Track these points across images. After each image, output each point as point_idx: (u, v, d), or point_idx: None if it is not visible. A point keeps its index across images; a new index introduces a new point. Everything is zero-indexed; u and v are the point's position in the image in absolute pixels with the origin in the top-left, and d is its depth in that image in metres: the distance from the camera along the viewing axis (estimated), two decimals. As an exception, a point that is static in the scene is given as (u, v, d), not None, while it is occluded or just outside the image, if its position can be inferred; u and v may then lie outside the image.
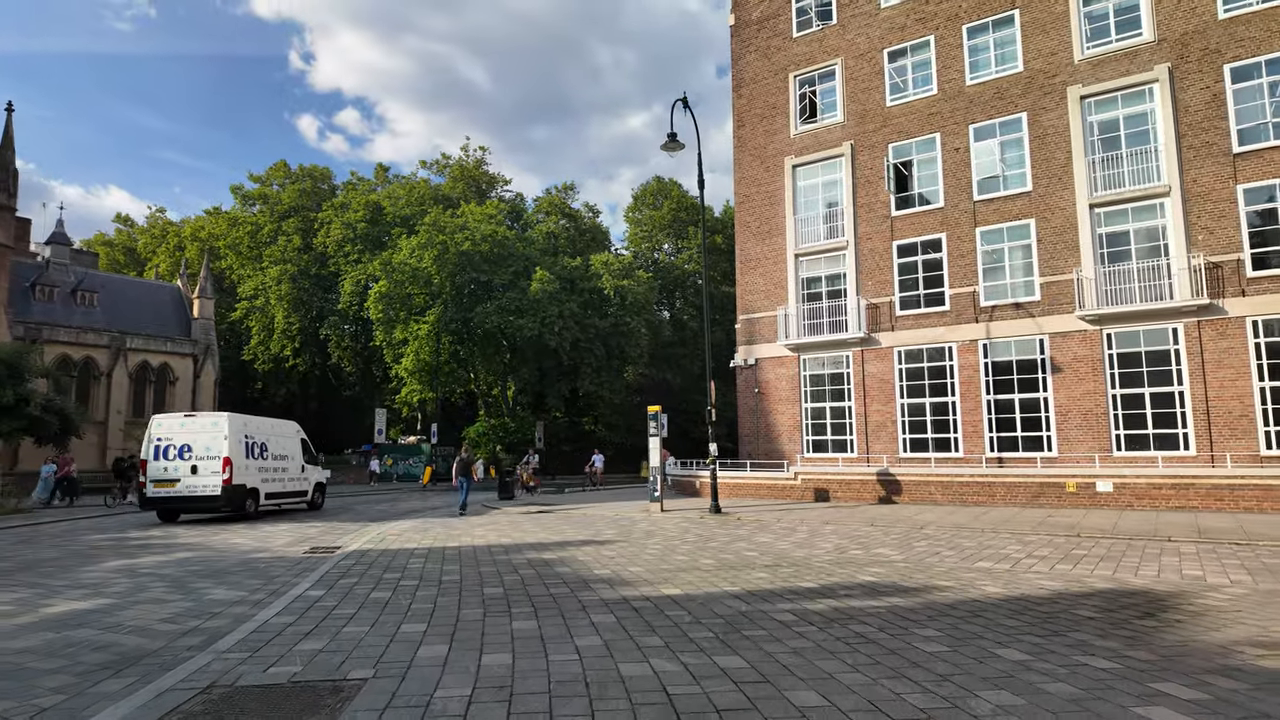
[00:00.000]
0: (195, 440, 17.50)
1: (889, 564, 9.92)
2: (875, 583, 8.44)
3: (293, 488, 20.52)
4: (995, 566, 9.72)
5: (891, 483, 20.57)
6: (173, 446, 17.49)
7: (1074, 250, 21.10)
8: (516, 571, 9.26)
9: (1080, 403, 20.62)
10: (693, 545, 11.92)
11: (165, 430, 17.78)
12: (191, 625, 6.60)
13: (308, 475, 21.31)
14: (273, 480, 19.38)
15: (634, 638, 5.85)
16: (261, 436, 19.03)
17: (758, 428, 25.72)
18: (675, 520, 16.58)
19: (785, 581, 8.48)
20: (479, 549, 11.63)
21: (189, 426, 17.90)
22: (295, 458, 20.74)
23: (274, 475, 19.43)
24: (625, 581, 8.46)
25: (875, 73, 24.82)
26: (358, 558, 10.71)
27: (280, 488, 19.80)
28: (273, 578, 9.17)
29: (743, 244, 26.95)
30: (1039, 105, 22.01)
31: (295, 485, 20.65)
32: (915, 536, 13.06)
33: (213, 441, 17.45)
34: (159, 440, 17.60)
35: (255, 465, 18.47)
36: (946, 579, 8.72)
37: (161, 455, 17.47)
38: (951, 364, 22.57)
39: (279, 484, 19.73)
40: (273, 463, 19.39)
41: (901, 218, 23.89)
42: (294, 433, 21.17)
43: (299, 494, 20.88)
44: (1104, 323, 20.44)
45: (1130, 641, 5.75)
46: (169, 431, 17.73)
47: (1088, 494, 18.06)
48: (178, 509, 17.80)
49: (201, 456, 17.34)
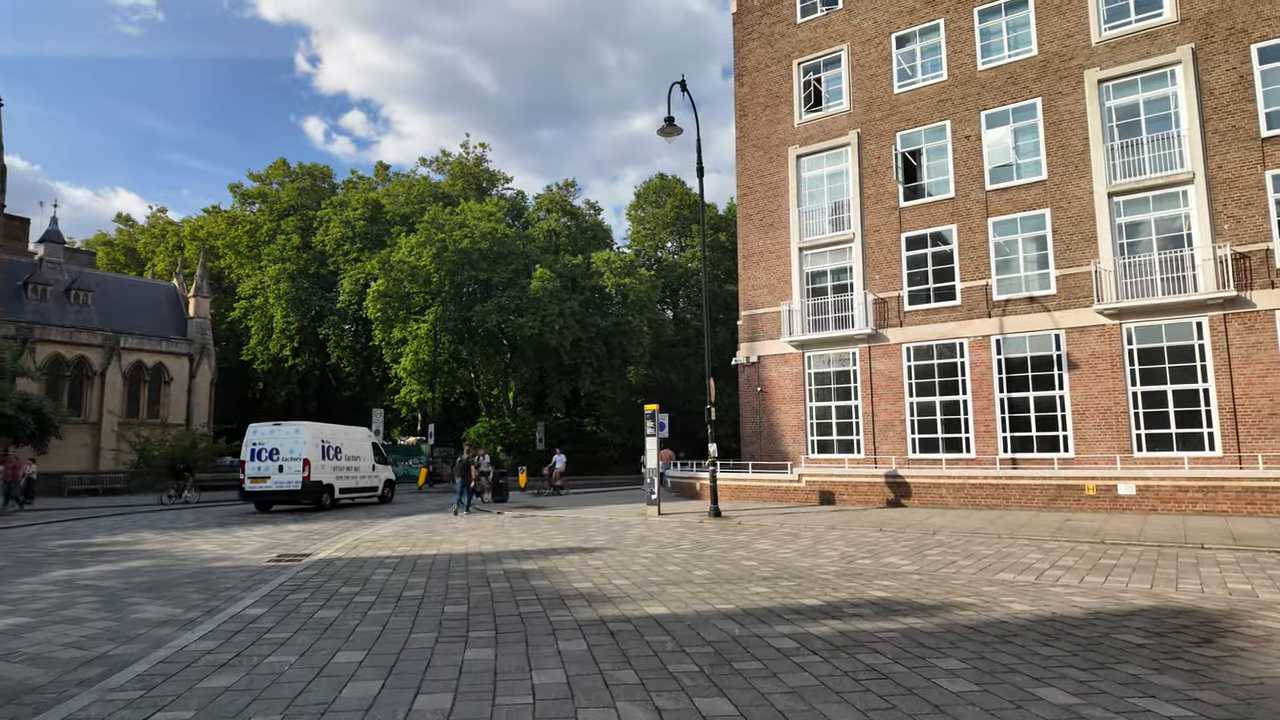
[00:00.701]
0: (281, 444, 20.67)
1: (901, 576, 9.00)
2: (887, 599, 7.53)
3: (364, 484, 23.58)
4: (1018, 579, 8.79)
5: (900, 485, 19.62)
6: (264, 450, 20.68)
7: (1091, 241, 20.13)
8: (489, 585, 8.38)
9: (1099, 401, 19.64)
10: (687, 554, 11.02)
11: (258, 437, 20.92)
12: (100, 652, 5.75)
13: (378, 473, 24.50)
14: (346, 478, 22.53)
15: (604, 672, 4.96)
16: (336, 441, 22.27)
17: (760, 428, 24.80)
18: (672, 525, 15.68)
19: (786, 598, 7.58)
20: (455, 558, 10.76)
21: (276, 434, 20.92)
22: (366, 459, 23.90)
23: (347, 473, 22.60)
24: (606, 598, 7.57)
25: (883, 58, 23.87)
26: (321, 567, 9.85)
27: (353, 484, 22.94)
28: (219, 592, 8.33)
29: (745, 237, 26.03)
30: (1054, 90, 21.04)
31: (366, 482, 23.69)
32: (927, 543, 12.14)
33: (295, 445, 20.60)
34: (253, 445, 20.79)
35: (330, 465, 21.62)
36: (966, 594, 7.80)
37: (255, 457, 20.65)
38: (963, 361, 21.61)
39: (351, 480, 22.85)
40: (346, 463, 22.51)
41: (910, 209, 22.93)
42: (365, 438, 24.51)
43: (370, 489, 24.02)
44: (1123, 317, 19.46)
45: (1194, 678, 4.84)
46: (261, 438, 20.89)
47: (1108, 497, 17.08)
48: (269, 500, 20.81)
49: (286, 458, 20.45)
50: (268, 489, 20.46)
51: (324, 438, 21.66)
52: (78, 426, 40.99)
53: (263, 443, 20.77)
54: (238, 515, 20.41)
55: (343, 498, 22.36)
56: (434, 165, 58.72)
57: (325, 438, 21.73)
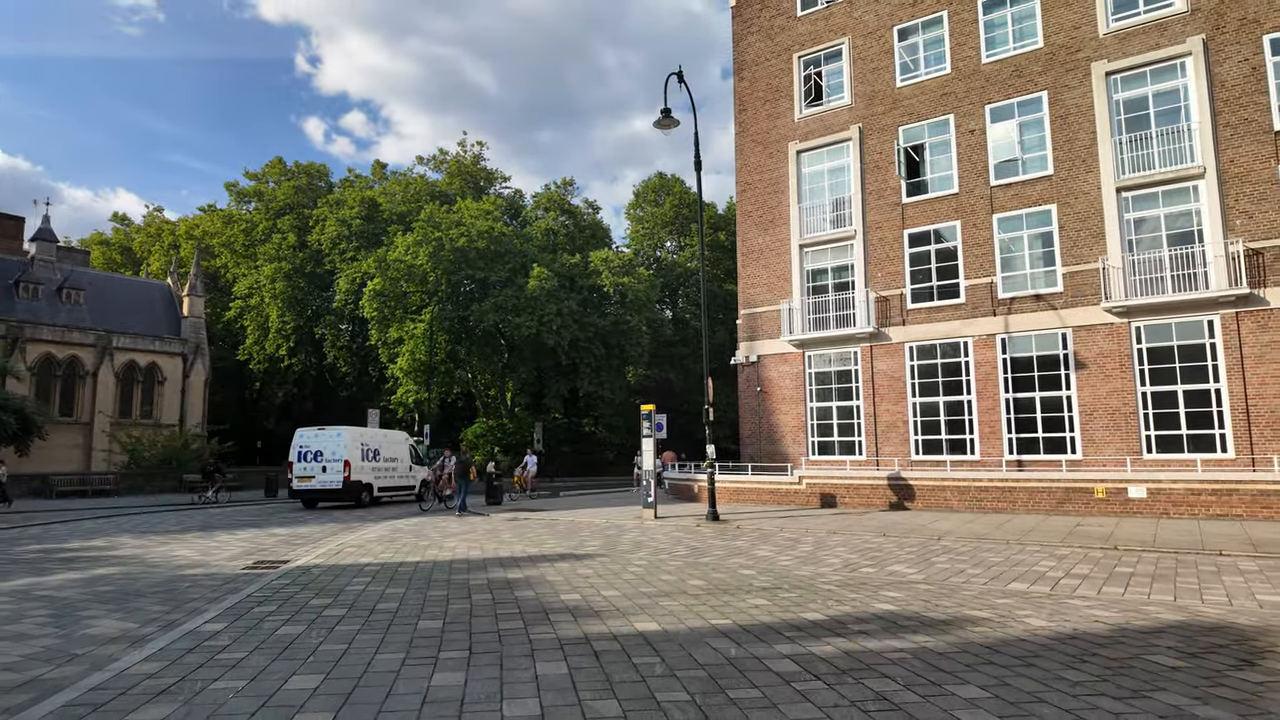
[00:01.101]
0: (325, 447, 22.60)
1: (908, 586, 8.50)
2: (895, 613, 7.03)
3: (401, 483, 25.54)
4: (1032, 589, 8.29)
5: (903, 488, 19.10)
6: (309, 452, 22.65)
7: (1099, 237, 19.62)
8: (469, 597, 7.88)
9: (1107, 401, 19.13)
10: (683, 561, 10.52)
11: (304, 440, 22.99)
12: (34, 674, 5.24)
13: (415, 474, 26.23)
14: (384, 477, 24.42)
15: (584, 702, 4.46)
16: (375, 444, 24.17)
17: (760, 428, 24.29)
18: (668, 529, 15.18)
19: (786, 611, 7.07)
20: (439, 565, 10.25)
21: (320, 438, 22.88)
22: (404, 460, 25.80)
23: (385, 473, 24.49)
24: (594, 612, 7.06)
25: (885, 51, 23.37)
26: (296, 576, 9.35)
27: (391, 483, 24.85)
28: (182, 603, 7.83)
29: (744, 235, 25.53)
30: (1061, 83, 20.54)
31: (404, 481, 25.69)
32: (933, 550, 11.64)
33: (337, 448, 22.48)
34: (300, 447, 22.86)
35: (369, 466, 23.53)
36: (979, 607, 7.30)
37: (301, 458, 22.69)
38: (967, 360, 21.11)
39: (389, 480, 24.78)
40: (384, 464, 24.44)
41: (913, 205, 22.43)
42: (403, 440, 26.40)
43: (408, 488, 25.86)
44: (1132, 315, 18.96)
45: (1241, 709, 4.33)
46: (307, 441, 22.95)
47: (1118, 500, 16.57)
48: (314, 498, 22.88)
49: (329, 460, 22.42)
50: (312, 487, 22.49)
51: (364, 441, 23.63)
52: (69, 427, 40.50)
53: (308, 445, 22.74)
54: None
55: (382, 495, 24.26)
56: (431, 164, 58.29)
57: (365, 441, 23.73)
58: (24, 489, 29.40)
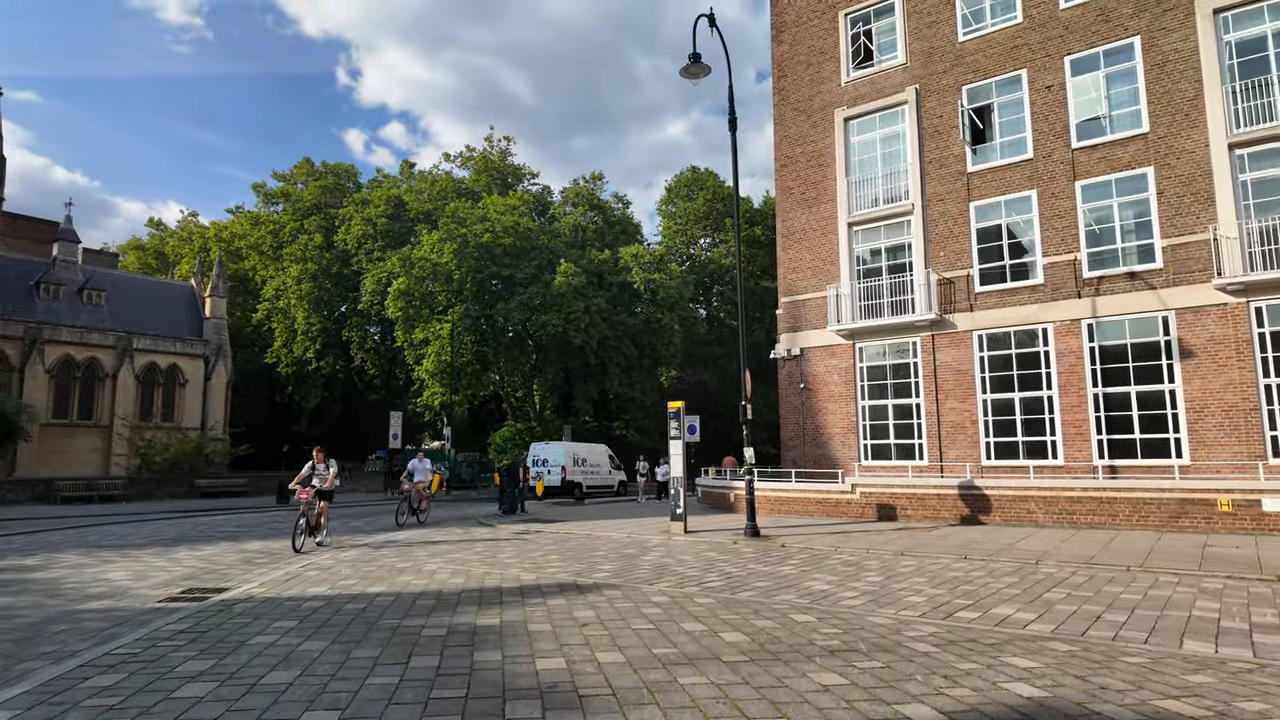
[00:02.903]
0: (549, 456, 31.65)
1: (1038, 647, 5.94)
2: (1042, 702, 4.51)
3: (603, 483, 34.08)
4: (1225, 654, 5.69)
5: (977, 498, 16.33)
6: (540, 459, 31.39)
7: (1208, 203, 16.68)
8: (408, 661, 5.56)
9: (1221, 396, 16.16)
10: (715, 598, 8.09)
11: (536, 451, 32.16)
12: None
13: (613, 476, 35.23)
14: (590, 478, 32.97)
15: None
16: (583, 453, 33.34)
17: (804, 430, 21.66)
18: (699, 548, 12.74)
19: (871, 697, 4.61)
20: (401, 600, 7.99)
21: (546, 449, 32.23)
22: (604, 465, 34.81)
23: (590, 475, 33.20)
24: (576, 698, 4.69)
25: (944, 3, 20.66)
26: (208, 615, 7.17)
27: (595, 483, 33.29)
28: (39, 653, 5.66)
29: (785, 214, 22.96)
30: (1156, 26, 17.64)
31: (604, 481, 34.31)
32: (1039, 581, 9.02)
33: (556, 457, 31.56)
34: (534, 456, 31.47)
35: (579, 470, 32.35)
36: (1166, 688, 4.74)
37: (535, 464, 30.76)
38: (1047, 350, 18.27)
39: (594, 480, 33.29)
40: (589, 468, 33.34)
41: (980, 173, 19.67)
42: (603, 451, 35.49)
43: (608, 487, 34.35)
44: (1251, 293, 15.98)
45: None
46: (538, 451, 32.11)
47: (1250, 514, 13.61)
48: (546, 493, 29.68)
49: (553, 465, 31.24)
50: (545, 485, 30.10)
51: (574, 451, 32.73)
52: (88, 430, 39.58)
53: (539, 455, 31.70)
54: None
55: (590, 491, 32.19)
56: (458, 160, 56.74)
57: (575, 451, 32.79)
58: (26, 494, 28.14)
